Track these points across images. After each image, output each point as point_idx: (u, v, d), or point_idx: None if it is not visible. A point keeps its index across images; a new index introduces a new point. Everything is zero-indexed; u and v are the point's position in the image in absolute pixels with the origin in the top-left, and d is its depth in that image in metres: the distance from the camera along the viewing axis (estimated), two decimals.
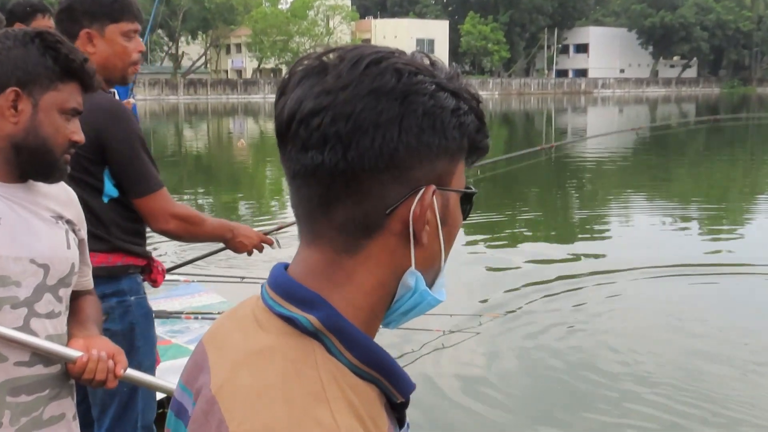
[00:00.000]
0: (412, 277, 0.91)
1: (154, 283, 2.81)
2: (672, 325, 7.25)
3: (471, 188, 0.96)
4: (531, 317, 7.41)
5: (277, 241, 3.10)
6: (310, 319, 0.88)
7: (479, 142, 0.94)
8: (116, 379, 1.83)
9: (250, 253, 2.98)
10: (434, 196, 0.89)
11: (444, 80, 0.90)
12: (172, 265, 4.67)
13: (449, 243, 0.95)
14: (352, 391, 0.85)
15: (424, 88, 0.87)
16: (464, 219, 0.98)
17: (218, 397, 0.87)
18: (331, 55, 0.88)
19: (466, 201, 0.96)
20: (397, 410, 0.94)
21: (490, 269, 9.41)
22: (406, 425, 0.97)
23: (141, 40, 2.75)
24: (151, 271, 2.76)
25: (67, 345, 1.80)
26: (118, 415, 2.52)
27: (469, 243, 10.83)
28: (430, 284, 0.95)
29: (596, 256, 10.21)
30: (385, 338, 6.38)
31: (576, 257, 10.13)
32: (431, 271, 0.95)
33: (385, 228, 0.89)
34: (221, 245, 3.16)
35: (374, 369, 0.89)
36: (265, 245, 3.00)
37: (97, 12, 2.60)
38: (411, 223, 0.88)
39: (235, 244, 2.88)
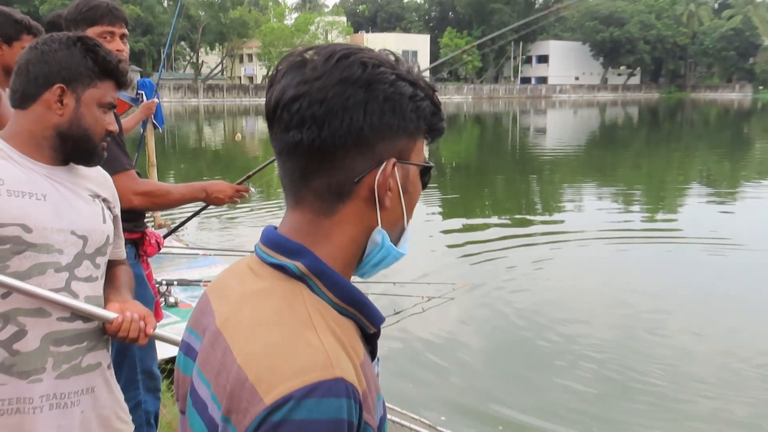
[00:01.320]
0: (379, 235, 0.93)
1: (145, 254, 2.76)
2: (611, 288, 7.36)
3: (428, 162, 0.97)
4: (495, 283, 7.45)
5: (252, 188, 2.98)
6: (297, 265, 0.90)
7: (435, 124, 0.95)
8: (146, 338, 1.83)
9: (234, 203, 2.90)
10: (395, 168, 0.91)
11: (403, 72, 0.91)
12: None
13: (410, 207, 0.96)
14: (334, 322, 0.88)
15: (385, 77, 0.88)
16: (423, 188, 0.99)
17: (222, 329, 0.90)
18: (309, 52, 0.90)
19: (425, 173, 0.97)
20: (370, 343, 0.95)
21: (460, 244, 9.41)
22: (377, 359, 0.98)
23: (121, 41, 2.64)
24: (143, 243, 2.73)
25: (105, 308, 1.79)
26: (117, 362, 2.51)
27: (443, 223, 10.86)
28: (396, 241, 0.96)
29: (551, 231, 10.26)
30: (375, 300, 6.41)
31: (533, 233, 10.16)
32: (396, 230, 0.96)
33: (354, 194, 0.91)
34: (202, 205, 3.11)
35: (351, 305, 0.91)
36: (242, 193, 2.89)
37: (77, 18, 2.58)
38: (376, 189, 0.90)
39: (212, 200, 2.81)
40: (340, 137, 0.87)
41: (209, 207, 3.17)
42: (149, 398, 2.61)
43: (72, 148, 1.76)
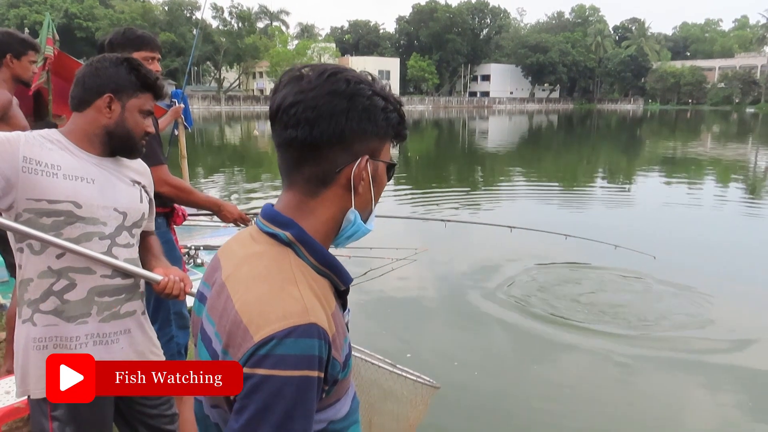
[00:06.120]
0: (353, 214, 0.92)
1: (174, 223, 2.73)
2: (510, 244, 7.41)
3: (393, 161, 0.96)
4: (447, 250, 7.49)
5: (252, 219, 2.82)
6: (287, 234, 0.89)
7: (400, 131, 0.94)
8: (186, 294, 1.81)
9: (236, 225, 2.81)
10: (368, 163, 0.90)
11: (378, 89, 0.90)
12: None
13: (378, 194, 0.96)
14: (313, 280, 0.87)
15: (364, 92, 0.88)
16: (388, 181, 0.98)
17: (227, 282, 0.89)
18: (306, 69, 0.89)
19: (390, 169, 0.97)
20: (342, 297, 0.95)
21: (421, 217, 9.38)
22: (347, 310, 0.98)
23: (156, 63, 2.62)
24: (173, 215, 2.70)
25: (152, 271, 1.77)
26: (155, 307, 2.48)
27: (409, 201, 10.85)
28: (365, 220, 0.95)
29: (490, 201, 10.32)
30: (355, 262, 6.41)
31: (478, 207, 10.22)
32: (365, 212, 0.95)
33: (335, 181, 0.90)
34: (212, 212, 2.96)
35: (327, 267, 0.90)
36: (245, 220, 2.79)
37: (124, 43, 2.53)
38: (352, 179, 0.89)
39: (222, 215, 2.74)
40: (326, 136, 0.86)
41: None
42: (180, 333, 2.59)
43: (117, 144, 1.72)
